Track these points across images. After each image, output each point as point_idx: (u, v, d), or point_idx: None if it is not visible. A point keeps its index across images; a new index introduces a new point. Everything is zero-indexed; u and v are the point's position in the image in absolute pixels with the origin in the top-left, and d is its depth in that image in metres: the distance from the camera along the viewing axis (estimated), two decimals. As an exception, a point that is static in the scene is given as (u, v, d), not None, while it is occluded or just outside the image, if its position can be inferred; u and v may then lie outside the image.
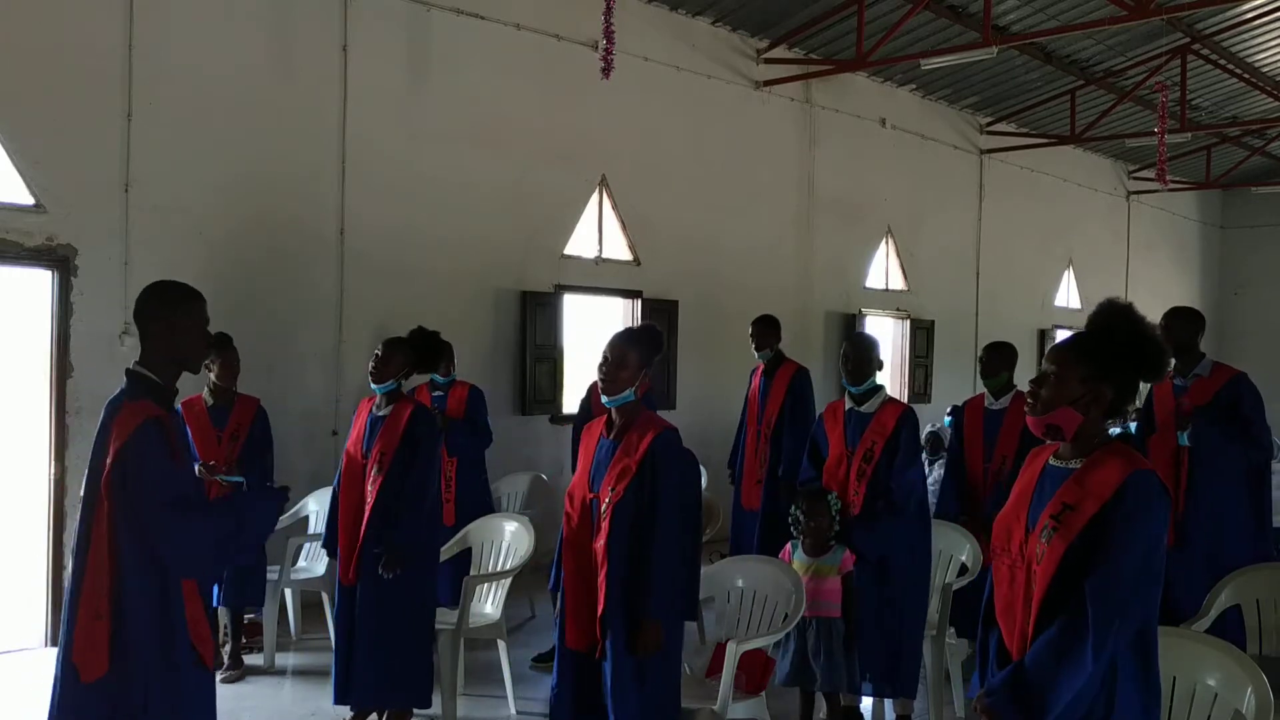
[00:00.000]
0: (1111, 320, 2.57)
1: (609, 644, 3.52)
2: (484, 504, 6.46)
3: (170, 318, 2.91)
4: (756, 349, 6.66)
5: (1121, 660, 2.48)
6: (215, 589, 5.54)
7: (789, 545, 4.57)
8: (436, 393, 6.56)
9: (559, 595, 3.76)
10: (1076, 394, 2.54)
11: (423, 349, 5.00)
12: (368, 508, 4.63)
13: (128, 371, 2.94)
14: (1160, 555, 2.50)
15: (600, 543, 3.54)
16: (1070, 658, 2.42)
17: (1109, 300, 2.64)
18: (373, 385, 4.74)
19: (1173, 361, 2.48)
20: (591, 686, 3.59)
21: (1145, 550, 2.46)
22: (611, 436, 3.64)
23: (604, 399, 3.63)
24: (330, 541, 4.87)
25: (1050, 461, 2.65)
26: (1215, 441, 5.00)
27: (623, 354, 3.58)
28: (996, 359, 5.61)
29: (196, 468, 5.30)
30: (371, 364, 4.75)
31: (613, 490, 3.52)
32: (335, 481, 4.87)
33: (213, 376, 5.58)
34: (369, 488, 4.64)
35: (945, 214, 12.95)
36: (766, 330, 6.67)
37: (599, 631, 3.54)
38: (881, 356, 4.92)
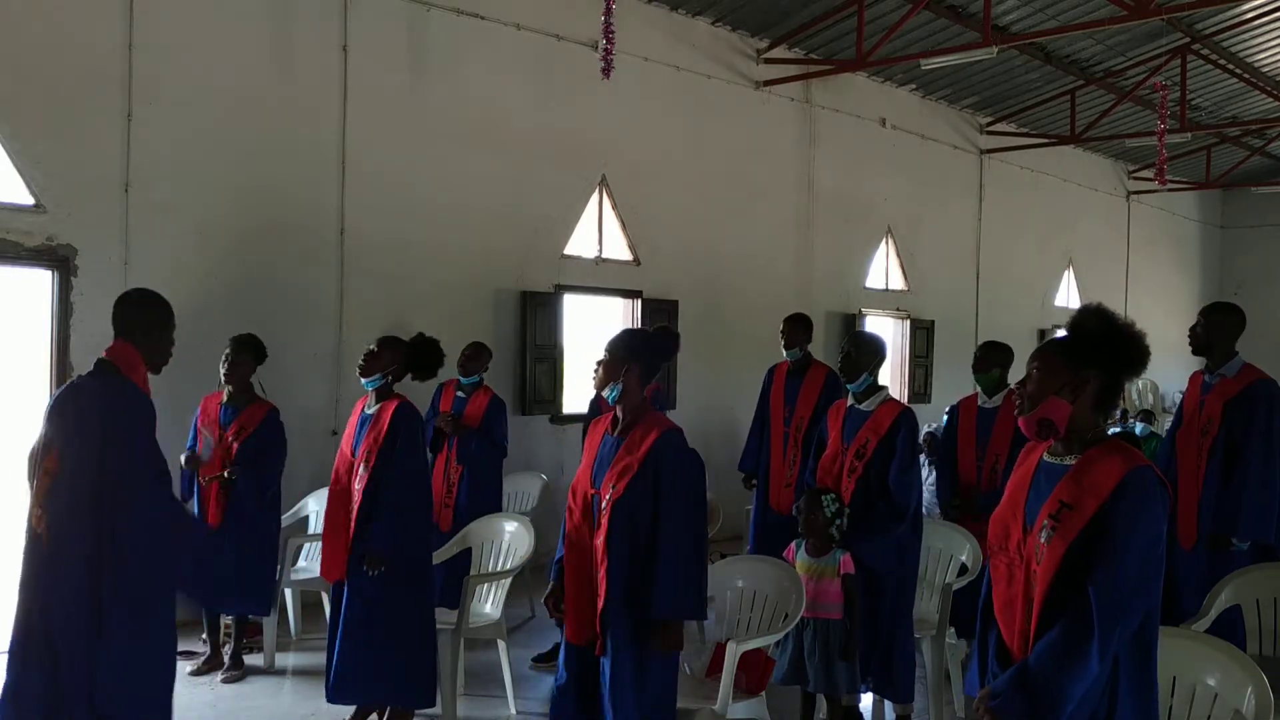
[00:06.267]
0: (1083, 317, 2.66)
1: (609, 641, 3.54)
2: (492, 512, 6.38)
3: (167, 324, 3.51)
4: (786, 347, 6.55)
5: (1122, 658, 2.48)
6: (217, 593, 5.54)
7: (793, 544, 4.57)
8: (459, 394, 6.55)
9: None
10: (1060, 381, 2.58)
11: (420, 354, 4.99)
12: (355, 506, 4.63)
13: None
14: (1161, 552, 2.50)
15: (600, 539, 3.56)
16: (1076, 659, 2.42)
17: (1083, 304, 2.75)
18: (361, 379, 4.74)
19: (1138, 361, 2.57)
20: (593, 681, 3.61)
21: (1146, 548, 2.46)
22: (616, 433, 3.67)
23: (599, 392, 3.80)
24: None
25: (1044, 458, 2.65)
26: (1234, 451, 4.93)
27: (611, 353, 3.68)
28: (988, 355, 5.63)
29: (185, 455, 5.51)
30: (361, 361, 4.75)
31: (614, 487, 3.53)
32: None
33: (222, 375, 5.60)
34: (355, 486, 4.65)
35: (945, 214, 12.96)
36: (798, 329, 6.53)
37: (599, 627, 3.56)
38: (886, 355, 4.92)
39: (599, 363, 3.74)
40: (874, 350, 4.84)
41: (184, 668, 5.00)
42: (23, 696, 3.26)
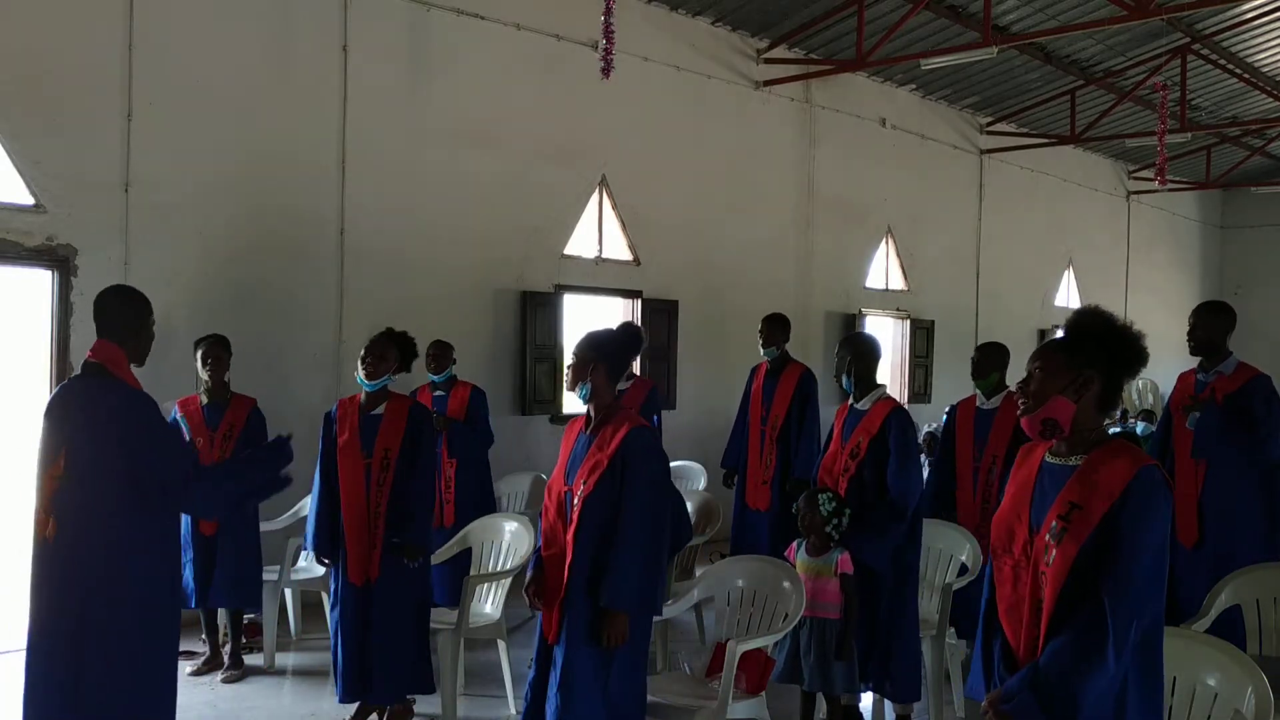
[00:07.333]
0: (1083, 317, 2.67)
1: (564, 631, 3.59)
2: (486, 504, 6.45)
3: (149, 319, 3.55)
4: (764, 346, 6.66)
5: (1129, 661, 2.47)
6: (208, 589, 5.53)
7: (794, 543, 4.57)
8: (438, 393, 6.56)
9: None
10: (1065, 380, 2.57)
11: (405, 350, 5.03)
12: (382, 507, 4.65)
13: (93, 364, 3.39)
14: (1167, 551, 2.50)
15: (570, 534, 3.62)
16: (1092, 659, 2.40)
17: (1080, 307, 2.77)
18: (366, 383, 4.74)
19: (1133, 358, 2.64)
20: None
21: (1156, 547, 2.46)
22: (589, 431, 3.74)
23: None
24: (325, 547, 4.81)
25: (1047, 459, 2.63)
26: (1222, 440, 4.94)
27: (578, 355, 3.78)
28: (986, 359, 5.61)
29: None
30: (367, 362, 4.75)
31: (585, 483, 3.61)
32: (319, 486, 4.82)
33: (205, 376, 5.58)
34: (378, 488, 4.66)
35: (945, 214, 12.96)
36: (775, 328, 6.66)
37: (557, 616, 3.63)
38: (877, 355, 4.91)
39: (569, 365, 3.80)
40: (861, 353, 4.81)
41: (184, 668, 4.99)
42: (43, 698, 3.25)
